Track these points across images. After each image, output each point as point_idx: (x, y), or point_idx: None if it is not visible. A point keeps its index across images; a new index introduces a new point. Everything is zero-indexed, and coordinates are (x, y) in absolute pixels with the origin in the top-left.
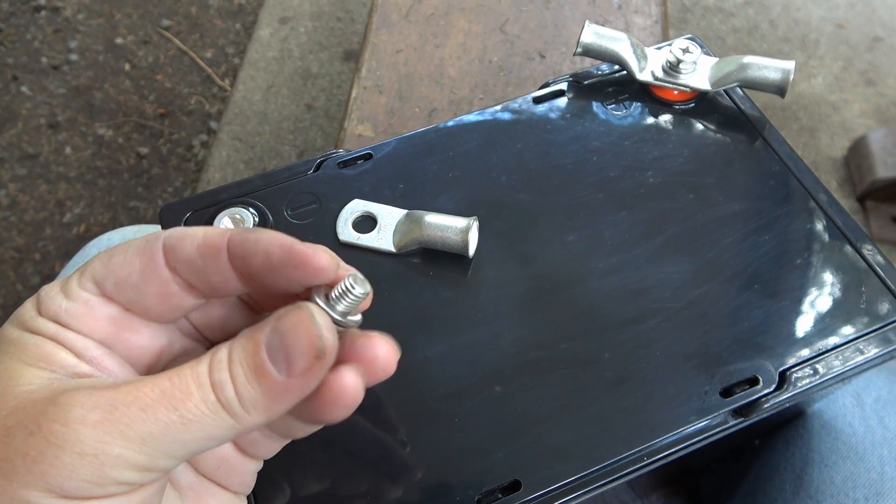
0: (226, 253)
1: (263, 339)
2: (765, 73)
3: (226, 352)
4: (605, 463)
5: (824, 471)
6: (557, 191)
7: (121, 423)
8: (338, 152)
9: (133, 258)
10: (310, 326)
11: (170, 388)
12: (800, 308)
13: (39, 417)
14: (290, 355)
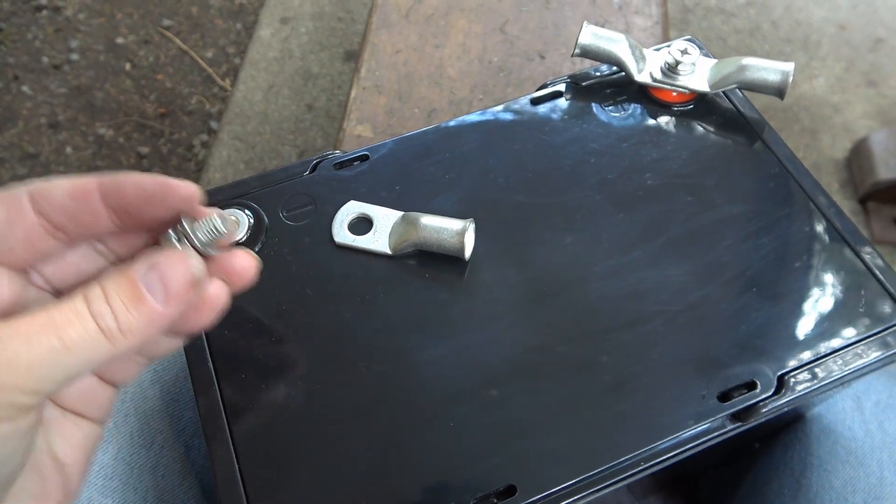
0: (97, 192)
1: (138, 274)
2: (764, 74)
3: (98, 288)
4: (601, 467)
5: (823, 475)
6: (555, 193)
7: (8, 351)
8: (334, 153)
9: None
10: (184, 259)
11: (49, 320)
12: (799, 311)
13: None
14: (168, 285)
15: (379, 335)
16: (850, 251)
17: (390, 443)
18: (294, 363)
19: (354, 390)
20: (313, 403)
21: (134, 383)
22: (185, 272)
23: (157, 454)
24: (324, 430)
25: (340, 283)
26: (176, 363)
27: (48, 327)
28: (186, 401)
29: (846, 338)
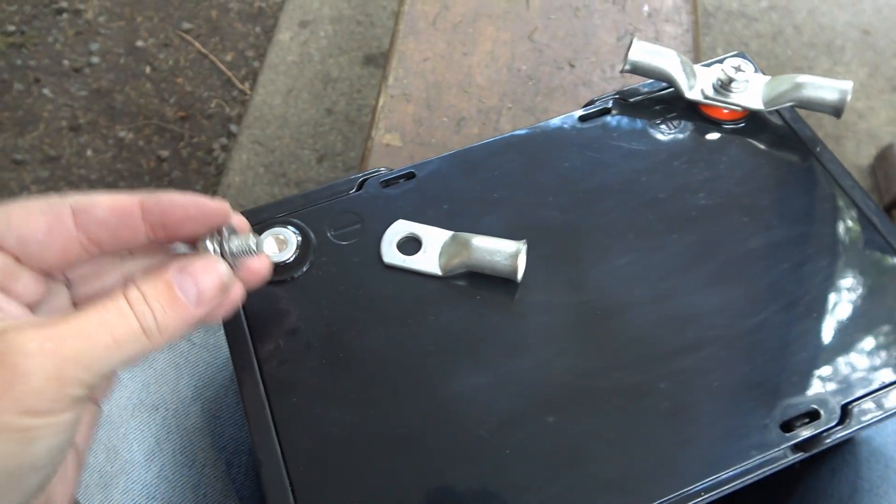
0: (138, 210)
1: (175, 279)
2: (821, 93)
3: (138, 291)
4: (662, 498)
5: (874, 500)
6: (606, 212)
7: (72, 350)
8: (380, 171)
9: (38, 217)
10: (216, 266)
11: (103, 320)
12: (861, 338)
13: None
14: (201, 289)
15: (430, 357)
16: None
17: (443, 469)
18: (344, 386)
19: (405, 414)
20: (364, 427)
21: (175, 399)
22: (217, 278)
23: (199, 472)
24: (374, 454)
25: (390, 304)
26: (216, 380)
27: (103, 326)
28: (227, 417)
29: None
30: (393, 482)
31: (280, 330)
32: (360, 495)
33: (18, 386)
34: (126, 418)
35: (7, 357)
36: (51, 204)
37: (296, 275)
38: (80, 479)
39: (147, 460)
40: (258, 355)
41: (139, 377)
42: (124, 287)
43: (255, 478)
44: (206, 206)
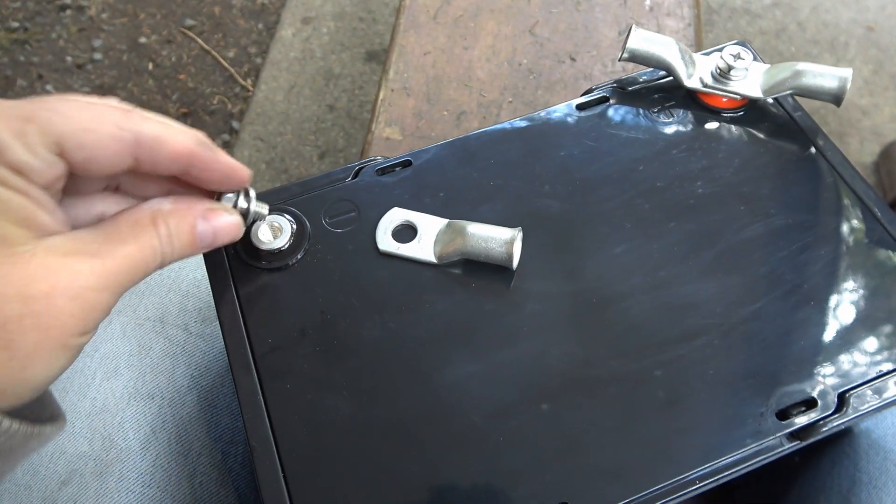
0: (189, 160)
1: (198, 224)
2: (820, 80)
3: (165, 228)
4: (657, 486)
5: (873, 492)
6: (603, 200)
7: (115, 284)
8: (376, 159)
9: (108, 143)
10: (237, 226)
11: (141, 257)
12: (859, 327)
13: (69, 284)
14: (215, 240)
15: (425, 345)
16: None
17: (437, 456)
18: (338, 373)
19: (400, 401)
20: (358, 414)
21: (171, 389)
22: (232, 234)
23: (195, 461)
24: (369, 441)
25: (384, 291)
26: (212, 370)
27: (140, 261)
28: (223, 407)
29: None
30: (386, 469)
31: (274, 317)
32: (352, 482)
33: (72, 319)
34: (122, 407)
35: (79, 292)
36: (121, 129)
37: (291, 262)
38: None
39: (143, 449)
40: (252, 342)
41: (135, 366)
42: (155, 220)
43: (250, 467)
44: (241, 171)
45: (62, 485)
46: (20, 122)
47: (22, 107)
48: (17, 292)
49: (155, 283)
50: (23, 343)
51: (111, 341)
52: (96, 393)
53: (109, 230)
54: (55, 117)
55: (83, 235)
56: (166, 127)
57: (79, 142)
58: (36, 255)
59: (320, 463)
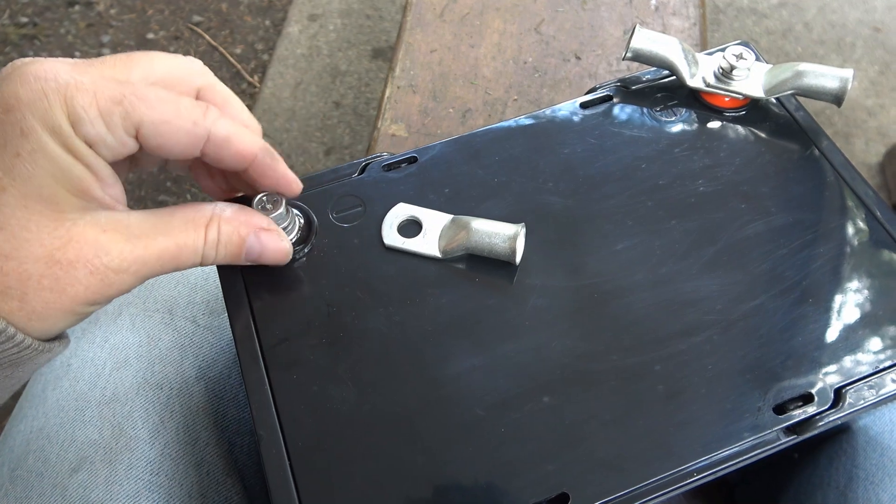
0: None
1: (249, 238)
2: (822, 81)
3: (215, 233)
4: (656, 477)
5: (870, 489)
6: (606, 198)
7: (140, 270)
8: (382, 155)
9: (182, 136)
10: (286, 253)
11: (176, 252)
12: (856, 323)
13: (94, 260)
14: (261, 256)
15: (429, 338)
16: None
17: (440, 447)
18: (344, 365)
19: (404, 393)
20: (363, 405)
21: (179, 379)
22: (279, 259)
23: (202, 451)
24: (374, 431)
25: (390, 285)
26: (219, 360)
27: (176, 257)
28: (230, 398)
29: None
30: (390, 459)
31: (281, 309)
32: (357, 472)
33: (94, 289)
34: (131, 397)
35: (100, 269)
36: (195, 123)
37: (298, 255)
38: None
39: (151, 438)
40: (259, 333)
41: (144, 357)
42: (209, 223)
43: (256, 458)
44: (293, 188)
45: (73, 472)
46: (110, 102)
47: (118, 87)
48: (46, 254)
49: (164, 276)
50: (34, 299)
51: (121, 332)
52: (106, 382)
53: (161, 220)
54: (141, 105)
55: (132, 218)
56: (237, 130)
57: (156, 131)
58: (77, 224)
59: (326, 452)
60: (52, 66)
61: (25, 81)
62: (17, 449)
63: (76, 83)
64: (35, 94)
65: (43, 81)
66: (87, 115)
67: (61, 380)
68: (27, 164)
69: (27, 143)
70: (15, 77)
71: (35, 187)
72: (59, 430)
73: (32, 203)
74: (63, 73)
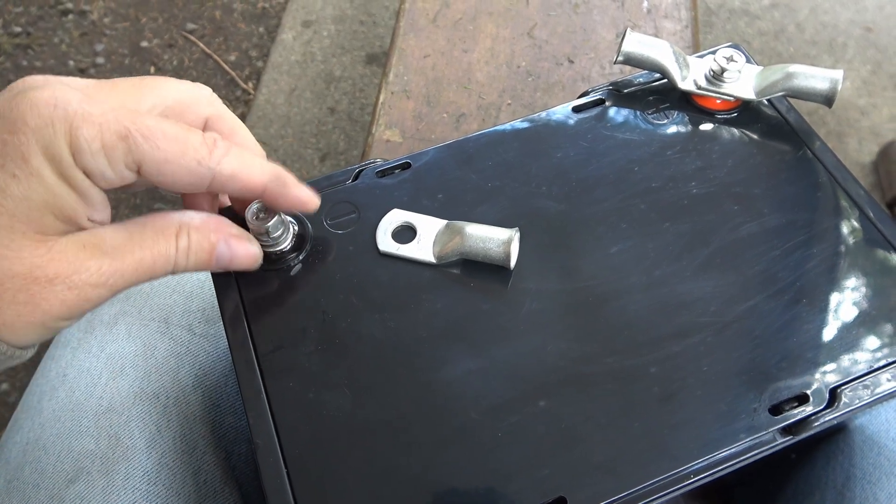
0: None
1: (217, 247)
2: (812, 82)
3: (186, 241)
4: (652, 480)
5: (867, 487)
6: (599, 201)
7: (117, 283)
8: (375, 162)
9: (185, 175)
10: (255, 254)
11: (151, 263)
12: (850, 324)
13: (73, 276)
14: (231, 263)
15: (424, 343)
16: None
17: (436, 452)
18: (339, 371)
19: (400, 398)
20: (359, 411)
21: (175, 388)
22: (249, 262)
23: (199, 460)
24: (370, 437)
25: (384, 291)
26: (216, 370)
27: (148, 268)
28: (227, 407)
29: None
30: (387, 465)
31: (276, 316)
32: (354, 478)
33: (71, 304)
34: (128, 406)
35: (78, 284)
36: (199, 163)
37: (293, 263)
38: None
39: (148, 447)
40: (255, 341)
41: (140, 366)
42: (179, 231)
43: (253, 466)
44: (309, 206)
45: (69, 483)
46: (115, 137)
47: (125, 120)
48: (25, 271)
49: (160, 285)
50: (8, 313)
51: (117, 342)
52: (102, 392)
53: (134, 232)
54: (145, 143)
55: (109, 233)
56: (243, 164)
57: (158, 169)
58: (58, 243)
59: (322, 459)
60: (63, 93)
61: (35, 106)
62: (13, 460)
63: (84, 114)
64: (42, 122)
65: (52, 109)
66: (89, 148)
67: (57, 390)
68: (22, 186)
69: (26, 167)
70: (26, 101)
71: (24, 210)
72: (56, 441)
73: (18, 224)
74: (74, 102)
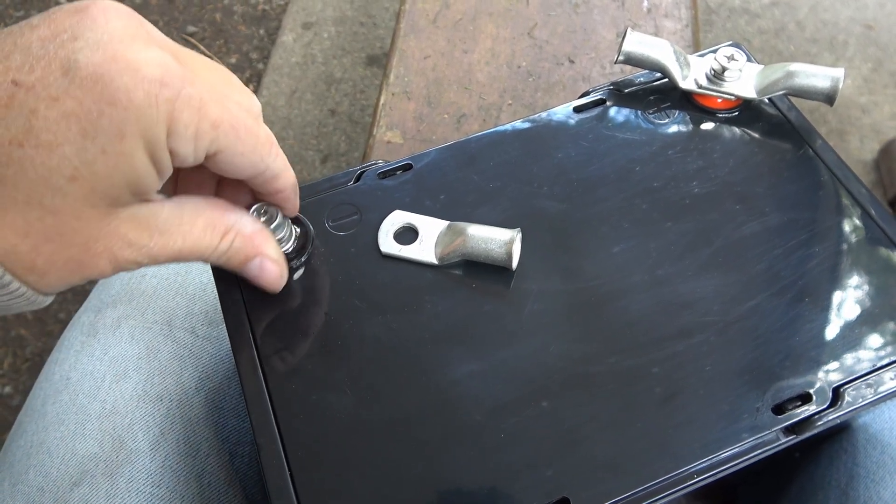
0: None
1: (254, 260)
2: (813, 81)
3: (228, 244)
4: (656, 480)
5: (871, 486)
6: (600, 201)
7: (154, 263)
8: (377, 163)
9: (249, 168)
10: (283, 276)
11: (191, 250)
12: (853, 322)
13: (122, 251)
14: (257, 281)
15: (426, 344)
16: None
17: (440, 453)
18: (342, 372)
19: (402, 400)
20: (362, 412)
21: (178, 391)
22: (272, 287)
23: (203, 462)
24: (373, 438)
25: (387, 292)
26: (218, 372)
27: (188, 253)
28: (230, 409)
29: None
30: (389, 466)
31: (279, 318)
32: (357, 479)
33: (108, 273)
34: (131, 409)
35: (121, 261)
36: (262, 162)
37: (295, 265)
38: None
39: (152, 450)
40: (257, 342)
41: (144, 368)
42: (227, 233)
43: (257, 468)
44: (294, 212)
45: (74, 486)
46: (209, 125)
47: (221, 107)
48: (82, 242)
49: (162, 287)
50: (53, 276)
51: (120, 345)
52: (106, 395)
53: (187, 216)
54: (231, 133)
55: (166, 211)
56: (285, 166)
57: (230, 160)
58: (117, 218)
59: (325, 460)
60: (167, 66)
61: (143, 81)
62: (17, 464)
63: (187, 97)
64: (148, 101)
65: (159, 87)
66: (184, 133)
67: (61, 393)
68: (110, 162)
69: (119, 145)
70: (130, 68)
71: (105, 186)
72: (60, 444)
73: (95, 197)
74: (178, 79)
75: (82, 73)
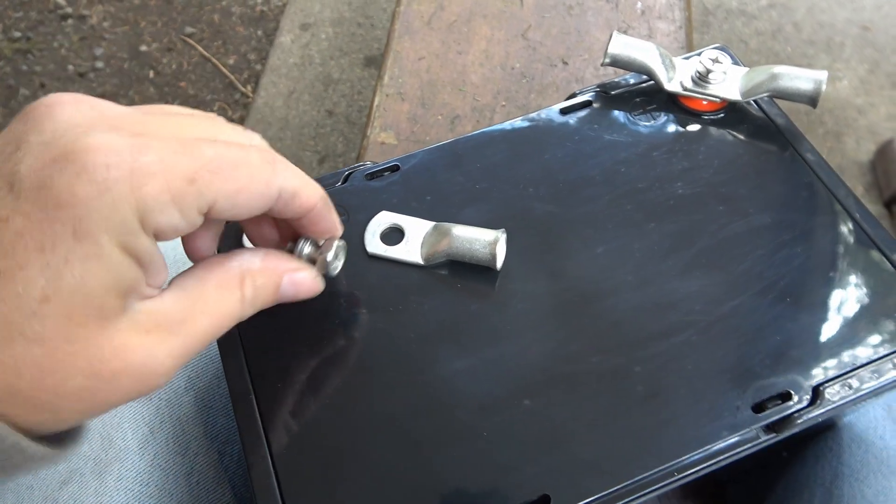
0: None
1: (283, 284)
2: (797, 83)
3: (251, 289)
4: (636, 477)
5: (855, 485)
6: (585, 202)
7: (185, 359)
8: (365, 164)
9: (257, 200)
10: (317, 289)
11: (219, 325)
12: (833, 322)
13: (140, 368)
14: (296, 298)
15: (412, 344)
16: (885, 259)
17: (423, 453)
18: (327, 373)
19: (387, 400)
20: (347, 413)
21: (168, 390)
22: (312, 293)
23: (192, 460)
24: (358, 437)
25: (373, 292)
26: (209, 370)
27: (211, 334)
28: (219, 408)
29: (881, 348)
30: (375, 464)
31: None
32: (342, 477)
33: (134, 393)
34: (120, 407)
35: (146, 375)
36: (269, 187)
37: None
38: None
39: (141, 448)
40: (244, 344)
41: None
42: (243, 280)
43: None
44: (336, 233)
45: (62, 484)
46: (184, 182)
47: (187, 158)
48: (88, 366)
49: None
50: (67, 412)
51: None
52: None
53: (195, 295)
54: (215, 179)
55: (170, 304)
56: (302, 181)
57: (231, 203)
58: (119, 331)
59: (310, 460)
60: (109, 143)
61: (83, 171)
62: None
63: (143, 167)
64: (96, 189)
65: (105, 170)
66: (158, 204)
67: None
68: (77, 271)
69: (80, 247)
70: (65, 164)
71: (82, 297)
72: None
73: (76, 314)
74: (125, 151)
75: (25, 184)
